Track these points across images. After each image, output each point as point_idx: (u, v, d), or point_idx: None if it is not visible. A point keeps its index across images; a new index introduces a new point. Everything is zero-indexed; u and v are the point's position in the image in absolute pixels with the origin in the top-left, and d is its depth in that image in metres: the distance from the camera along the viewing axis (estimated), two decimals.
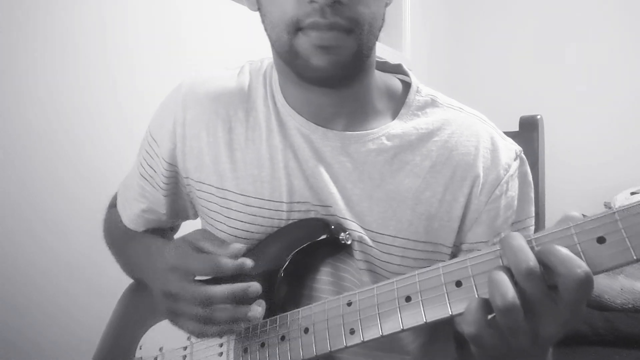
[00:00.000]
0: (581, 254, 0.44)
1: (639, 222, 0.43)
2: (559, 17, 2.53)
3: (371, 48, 0.65)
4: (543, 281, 0.44)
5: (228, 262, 0.61)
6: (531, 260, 0.44)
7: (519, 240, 0.45)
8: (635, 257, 0.42)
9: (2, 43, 1.05)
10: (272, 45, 0.66)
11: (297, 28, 0.60)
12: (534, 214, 0.72)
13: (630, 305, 1.52)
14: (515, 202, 0.69)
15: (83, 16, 1.20)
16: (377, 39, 0.66)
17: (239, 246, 0.63)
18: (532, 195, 0.71)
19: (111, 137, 1.23)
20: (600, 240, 0.44)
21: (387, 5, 0.67)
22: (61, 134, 1.15)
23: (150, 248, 0.77)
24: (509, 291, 0.43)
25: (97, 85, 1.22)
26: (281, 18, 0.60)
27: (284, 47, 0.62)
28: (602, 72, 2.41)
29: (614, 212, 0.44)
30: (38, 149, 1.11)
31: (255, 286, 0.60)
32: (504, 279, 0.44)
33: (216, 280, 0.62)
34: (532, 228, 0.71)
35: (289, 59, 0.63)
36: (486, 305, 0.46)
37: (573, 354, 1.41)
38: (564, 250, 0.43)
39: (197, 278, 0.64)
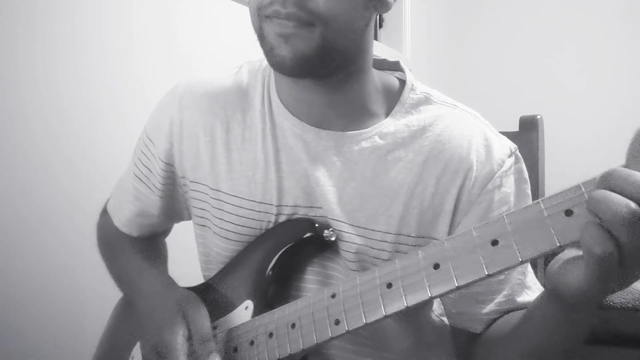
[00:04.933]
0: (550, 227, 0.45)
1: None
2: (559, 17, 2.53)
3: (346, 46, 0.64)
4: None
5: None
6: (632, 204, 0.40)
7: (603, 192, 0.41)
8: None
9: (2, 43, 1.05)
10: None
11: (263, 14, 0.61)
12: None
13: (629, 305, 1.52)
14: (512, 199, 0.69)
15: (82, 17, 1.20)
16: (353, 41, 0.65)
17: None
18: (529, 191, 0.72)
19: (110, 138, 1.24)
20: (568, 212, 0.44)
21: (379, 11, 0.67)
22: (61, 134, 1.15)
23: (142, 283, 0.77)
24: (625, 202, 0.40)
25: (96, 87, 1.22)
26: (252, 3, 0.62)
27: (257, 32, 0.64)
28: (602, 72, 2.41)
29: (580, 185, 0.44)
30: (37, 150, 1.11)
31: None
32: (609, 194, 0.41)
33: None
34: None
35: (261, 44, 0.64)
36: (605, 227, 0.42)
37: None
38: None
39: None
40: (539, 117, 1.23)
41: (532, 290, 0.71)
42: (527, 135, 1.22)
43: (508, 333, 0.64)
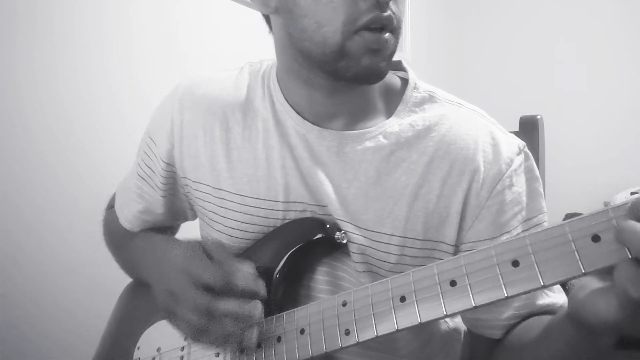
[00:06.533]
0: (575, 252, 0.43)
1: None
2: (559, 18, 2.53)
3: None
4: None
5: (243, 282, 0.61)
6: None
7: (632, 225, 0.40)
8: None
9: (2, 43, 1.05)
10: (305, 45, 0.63)
11: (353, 29, 0.60)
12: (545, 209, 0.70)
13: None
14: (524, 198, 0.67)
15: (82, 17, 1.20)
16: None
17: (252, 268, 0.62)
18: (541, 189, 0.69)
19: (110, 138, 1.24)
20: (595, 238, 0.43)
21: None
22: (60, 134, 1.15)
23: (157, 245, 0.76)
24: None
25: (96, 87, 1.22)
26: (333, 18, 0.60)
27: (331, 48, 0.61)
28: (602, 72, 2.41)
29: (608, 210, 0.42)
30: (37, 150, 1.11)
31: (259, 314, 0.60)
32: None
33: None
34: (546, 224, 0.68)
35: (334, 59, 0.62)
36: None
37: None
38: None
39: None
40: (539, 117, 1.22)
41: (552, 291, 0.68)
42: (527, 135, 1.21)
43: (528, 345, 0.63)
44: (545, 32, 2.55)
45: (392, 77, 0.74)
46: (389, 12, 0.60)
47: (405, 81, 0.73)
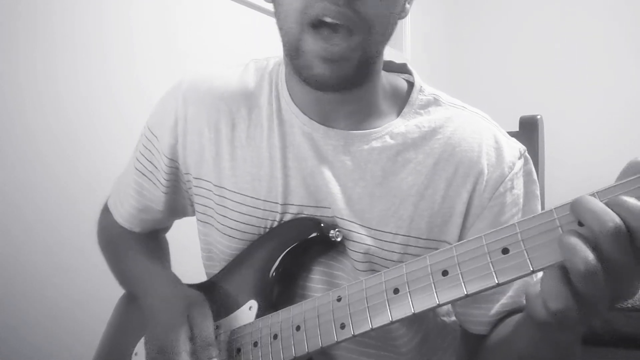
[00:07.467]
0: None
1: None
2: (559, 17, 2.53)
3: (378, 55, 0.65)
4: (629, 240, 0.41)
5: None
6: (617, 219, 0.41)
7: (596, 202, 0.42)
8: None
9: (2, 43, 1.05)
10: (281, 37, 0.64)
11: (306, 21, 0.59)
12: (540, 212, 0.72)
13: (629, 305, 1.52)
14: (521, 200, 0.69)
15: (82, 17, 1.20)
16: (382, 50, 0.66)
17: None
18: (538, 192, 0.71)
19: (110, 138, 1.24)
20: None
21: (400, 17, 0.67)
22: (60, 134, 1.15)
23: (149, 282, 0.76)
24: (589, 254, 0.41)
25: (96, 87, 1.22)
26: (290, 6, 0.60)
27: (291, 42, 0.61)
28: (603, 73, 2.41)
29: (594, 194, 0.43)
30: (37, 150, 1.11)
31: None
32: (578, 242, 0.42)
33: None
34: None
35: (293, 55, 0.62)
36: (565, 276, 0.44)
37: None
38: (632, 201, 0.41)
39: None
40: (539, 117, 1.22)
41: None
42: (527, 135, 1.21)
43: (503, 340, 0.64)
44: (545, 32, 2.55)
45: (398, 80, 0.75)
46: (343, 8, 0.57)
47: (410, 83, 0.74)
